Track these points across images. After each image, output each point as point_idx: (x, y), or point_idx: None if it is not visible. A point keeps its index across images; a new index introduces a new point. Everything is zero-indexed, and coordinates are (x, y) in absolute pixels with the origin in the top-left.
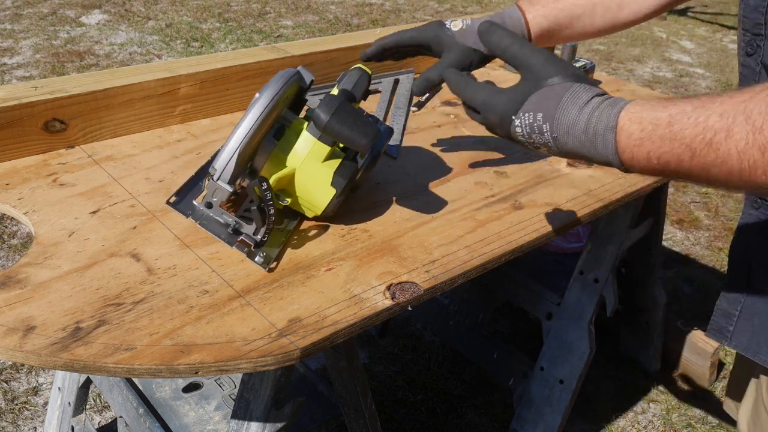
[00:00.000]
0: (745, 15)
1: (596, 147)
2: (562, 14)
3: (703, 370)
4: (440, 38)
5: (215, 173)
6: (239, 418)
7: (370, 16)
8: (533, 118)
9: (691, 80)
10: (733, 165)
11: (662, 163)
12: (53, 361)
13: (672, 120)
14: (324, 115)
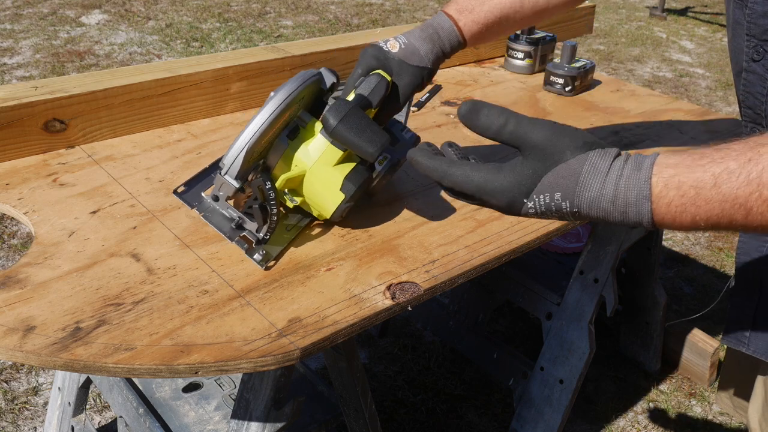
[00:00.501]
0: (751, 21)
1: (627, 216)
2: (491, 16)
3: (703, 370)
4: (385, 61)
5: (223, 168)
6: (239, 418)
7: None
8: (550, 198)
9: (691, 80)
10: None
11: (711, 224)
12: (53, 361)
13: (718, 181)
14: (332, 120)
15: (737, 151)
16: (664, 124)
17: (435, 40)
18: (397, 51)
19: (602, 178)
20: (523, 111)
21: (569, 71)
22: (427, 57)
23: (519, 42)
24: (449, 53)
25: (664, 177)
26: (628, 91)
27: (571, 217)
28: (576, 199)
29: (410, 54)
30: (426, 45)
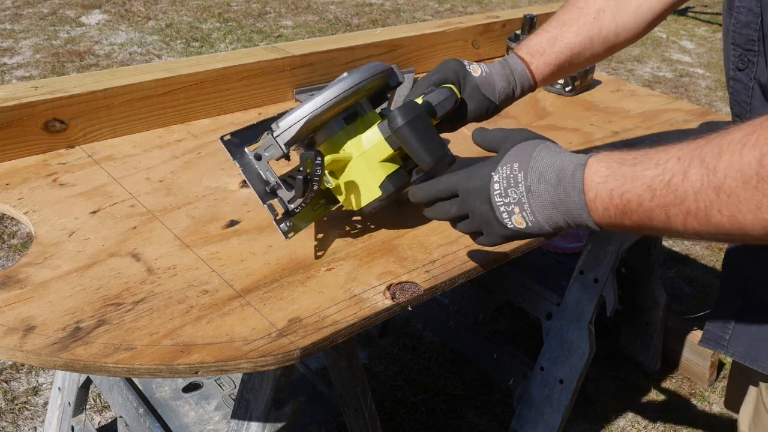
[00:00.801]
0: (735, 30)
1: (565, 188)
2: (562, 56)
3: (703, 370)
4: (463, 79)
5: (276, 130)
6: (239, 418)
7: (370, 16)
8: (510, 169)
9: (691, 80)
10: (690, 205)
11: (624, 202)
12: (53, 361)
13: (636, 160)
14: (400, 119)
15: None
16: (664, 124)
17: (510, 81)
18: (477, 76)
19: (554, 155)
20: (523, 111)
21: None
22: (498, 94)
23: (519, 42)
24: (518, 96)
25: (600, 154)
26: (628, 91)
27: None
28: (529, 171)
29: (487, 84)
30: (502, 83)
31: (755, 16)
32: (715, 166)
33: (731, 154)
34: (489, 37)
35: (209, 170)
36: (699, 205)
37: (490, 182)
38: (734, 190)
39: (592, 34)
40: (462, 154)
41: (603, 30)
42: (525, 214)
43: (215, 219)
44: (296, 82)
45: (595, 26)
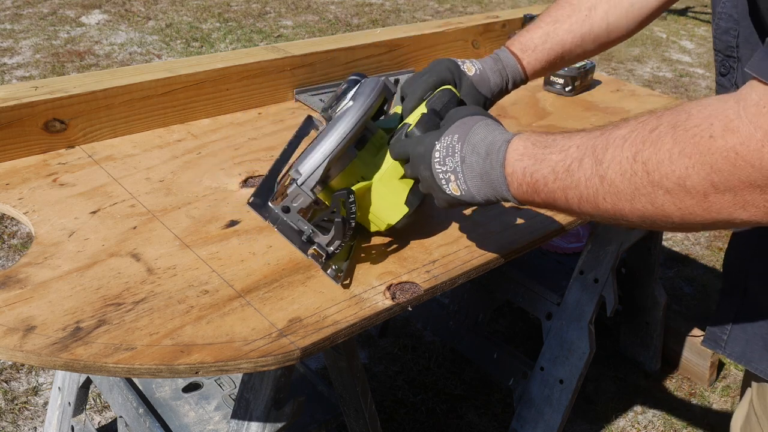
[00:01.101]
0: (716, 36)
1: (491, 161)
2: (553, 53)
3: (703, 370)
4: (459, 78)
5: (299, 178)
6: (239, 418)
7: (370, 16)
8: (450, 140)
9: (691, 80)
10: (582, 190)
11: (533, 180)
12: (53, 361)
13: (547, 143)
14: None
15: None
16: None
17: (503, 75)
18: (472, 74)
19: (488, 130)
20: (523, 111)
21: (569, 71)
22: (492, 89)
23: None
24: (510, 90)
25: (524, 135)
26: (628, 91)
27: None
28: (465, 143)
29: (482, 81)
30: (495, 78)
31: (734, 23)
32: (602, 158)
33: (614, 148)
34: (489, 37)
35: (209, 170)
36: (589, 191)
37: (432, 150)
38: (613, 180)
39: (583, 31)
40: None
41: (594, 28)
42: (459, 182)
43: (215, 219)
44: (296, 82)
45: (586, 24)
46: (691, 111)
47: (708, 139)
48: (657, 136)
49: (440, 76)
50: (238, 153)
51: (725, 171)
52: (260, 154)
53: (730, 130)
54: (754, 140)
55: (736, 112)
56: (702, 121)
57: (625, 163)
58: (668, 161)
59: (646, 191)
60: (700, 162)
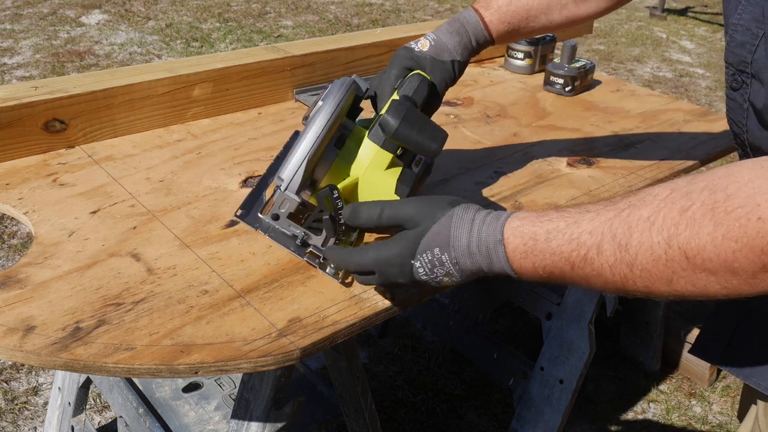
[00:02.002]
0: (729, 49)
1: (491, 260)
2: (516, 17)
3: (703, 370)
4: (418, 61)
5: (282, 184)
6: (239, 418)
7: (370, 16)
8: (432, 254)
9: (691, 80)
10: (608, 277)
11: (547, 273)
12: (53, 361)
13: (549, 236)
14: (393, 121)
15: (569, 213)
16: (664, 124)
17: (462, 33)
18: (427, 49)
19: (468, 226)
20: (523, 111)
21: (569, 71)
22: (455, 50)
23: (519, 42)
24: (477, 47)
25: (512, 226)
26: (628, 91)
27: (455, 272)
28: (452, 250)
29: (440, 50)
30: (453, 38)
31: (752, 36)
32: (627, 243)
33: (641, 233)
34: None
35: (209, 170)
36: (615, 277)
37: (413, 269)
38: (645, 266)
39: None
40: (462, 154)
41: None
42: (454, 279)
43: (215, 219)
44: (296, 82)
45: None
46: (729, 189)
47: (756, 221)
48: (692, 218)
49: (402, 66)
50: (238, 153)
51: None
52: (260, 154)
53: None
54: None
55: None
56: (746, 201)
57: (658, 248)
58: (711, 245)
59: (686, 274)
60: (748, 245)
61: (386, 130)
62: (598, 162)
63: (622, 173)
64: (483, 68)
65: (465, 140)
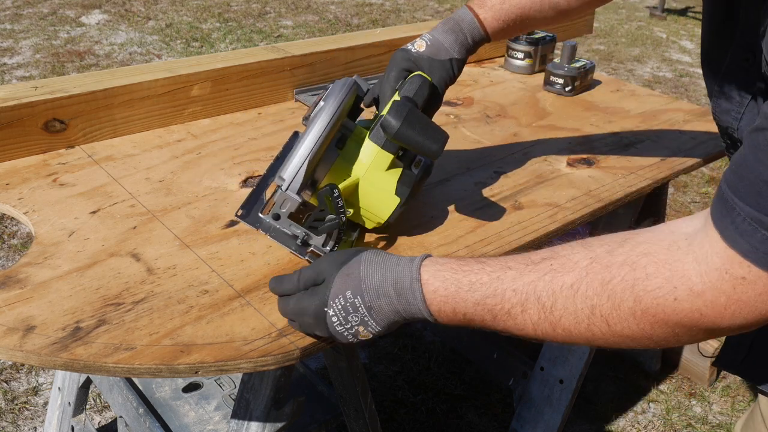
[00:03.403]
0: (716, 114)
1: (407, 300)
2: (511, 14)
3: (703, 370)
4: (417, 62)
5: (283, 184)
6: (239, 418)
7: (370, 16)
8: (344, 299)
9: (691, 80)
10: (529, 332)
11: (467, 319)
12: (53, 360)
13: (472, 287)
14: (395, 122)
15: (491, 266)
16: (664, 124)
17: (457, 31)
18: (424, 50)
19: (381, 266)
20: (523, 111)
21: (569, 71)
22: (452, 48)
23: (519, 42)
24: (473, 45)
25: (432, 269)
26: (628, 91)
27: (371, 320)
28: (365, 292)
29: (437, 50)
30: (449, 37)
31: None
32: (552, 307)
33: (565, 300)
34: None
35: (209, 170)
36: (537, 333)
37: (326, 317)
38: (568, 328)
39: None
40: (462, 154)
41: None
42: (370, 329)
43: (215, 219)
44: (296, 82)
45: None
46: (648, 269)
47: (673, 302)
48: (613, 292)
49: (400, 68)
50: (238, 153)
51: (689, 326)
52: (260, 154)
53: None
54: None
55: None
56: (664, 283)
57: (581, 315)
58: (632, 318)
59: (605, 337)
60: (664, 320)
61: (388, 131)
62: (598, 162)
63: (622, 173)
64: (483, 68)
65: (465, 140)
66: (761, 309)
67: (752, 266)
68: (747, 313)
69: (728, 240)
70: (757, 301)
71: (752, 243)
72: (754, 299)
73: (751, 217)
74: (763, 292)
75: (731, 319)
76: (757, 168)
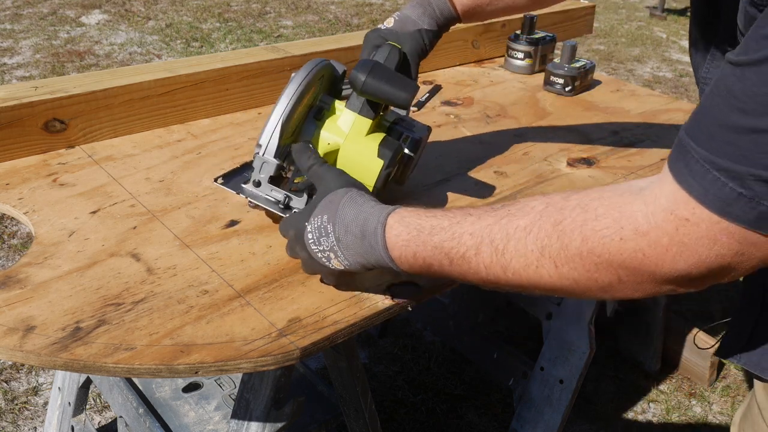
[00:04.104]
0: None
1: (370, 242)
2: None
3: (703, 370)
4: (387, 38)
5: (260, 149)
6: (239, 418)
7: (370, 16)
8: (320, 221)
9: (691, 80)
10: (482, 276)
11: (426, 264)
12: (53, 361)
13: (433, 231)
14: (361, 75)
15: (453, 213)
16: (664, 124)
17: (425, 5)
18: (392, 25)
19: (358, 207)
20: (523, 111)
21: (569, 71)
22: (420, 19)
23: (519, 42)
24: (442, 19)
25: (398, 215)
26: (628, 91)
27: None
28: (337, 223)
29: (404, 23)
30: (417, 10)
31: None
32: (504, 249)
33: (516, 242)
34: (489, 37)
35: (209, 170)
36: (489, 276)
37: (304, 232)
38: (517, 270)
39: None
40: (462, 154)
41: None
42: (340, 259)
43: (215, 219)
44: None
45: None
46: (598, 210)
47: (618, 241)
48: (563, 232)
49: (372, 44)
50: (238, 153)
51: (632, 268)
52: None
53: (640, 234)
54: (661, 245)
55: (645, 217)
56: (612, 223)
57: (531, 256)
58: (578, 259)
59: (552, 280)
60: (608, 261)
61: (355, 85)
62: (598, 162)
63: (622, 173)
64: (483, 68)
65: (465, 140)
66: (702, 253)
67: (697, 207)
68: (688, 257)
69: (680, 181)
70: (697, 244)
71: (703, 184)
72: (695, 242)
73: (704, 158)
74: (705, 236)
75: (672, 262)
76: (712, 111)
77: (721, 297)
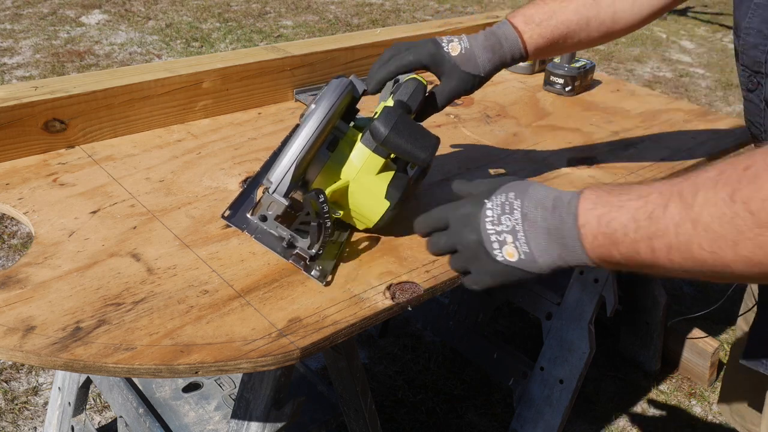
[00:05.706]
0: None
1: (560, 214)
2: (557, 32)
3: (703, 370)
4: (440, 62)
5: (271, 186)
6: (239, 418)
7: (370, 16)
8: (505, 197)
9: (691, 80)
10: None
11: (610, 230)
12: (53, 361)
13: (622, 191)
14: (383, 129)
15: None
16: (664, 124)
17: (497, 50)
18: (456, 55)
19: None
20: (523, 111)
21: (569, 71)
22: (483, 66)
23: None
24: (509, 64)
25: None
26: (628, 91)
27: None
28: (526, 198)
29: (466, 60)
30: (486, 54)
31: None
32: (692, 201)
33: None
34: None
35: (209, 170)
36: (680, 238)
37: (482, 209)
38: (710, 224)
39: (590, 15)
40: (462, 154)
41: (601, 13)
42: (518, 243)
43: (215, 219)
44: (296, 82)
45: (593, 8)
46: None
47: None
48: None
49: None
50: (237, 153)
51: None
52: (260, 154)
53: None
54: None
55: None
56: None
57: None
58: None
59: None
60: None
61: (376, 137)
62: (598, 162)
63: (622, 173)
64: None
65: (465, 140)
66: None
67: None
68: None
69: None
70: None
71: None
72: None
73: None
74: None
75: None
76: None
77: (721, 297)
